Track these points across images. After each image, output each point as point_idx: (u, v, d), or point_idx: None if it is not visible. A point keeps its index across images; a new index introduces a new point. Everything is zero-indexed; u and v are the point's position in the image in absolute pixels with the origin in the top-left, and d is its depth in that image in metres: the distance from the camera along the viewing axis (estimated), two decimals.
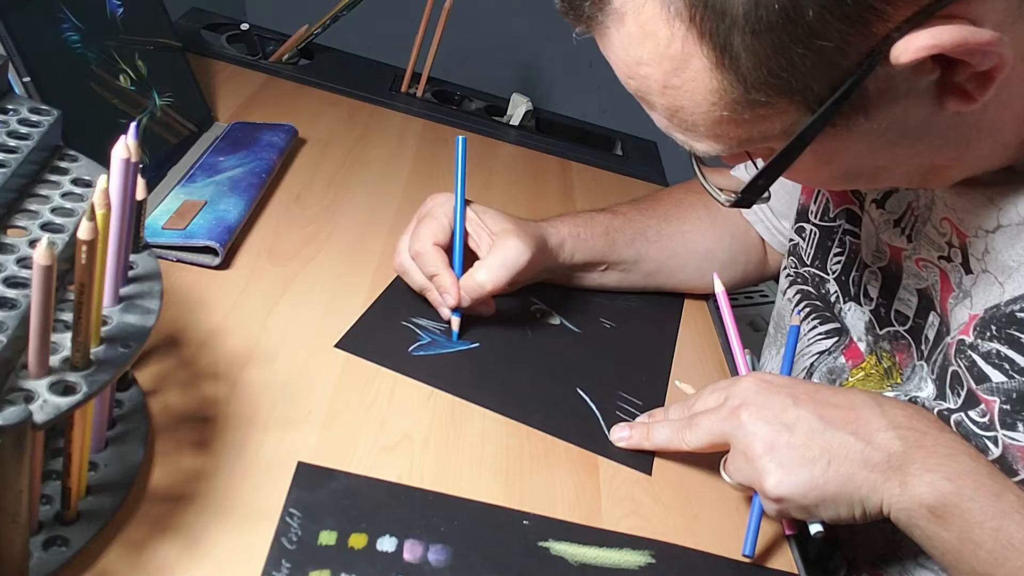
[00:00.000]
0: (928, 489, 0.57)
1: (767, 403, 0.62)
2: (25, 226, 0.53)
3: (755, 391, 0.64)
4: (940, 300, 0.67)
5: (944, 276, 0.67)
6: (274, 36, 1.31)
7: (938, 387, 0.66)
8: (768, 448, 0.61)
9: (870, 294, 0.74)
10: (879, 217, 0.73)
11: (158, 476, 0.58)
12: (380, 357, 0.74)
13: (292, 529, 0.56)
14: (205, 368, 0.68)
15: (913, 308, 0.70)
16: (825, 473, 0.59)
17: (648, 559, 0.63)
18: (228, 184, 0.87)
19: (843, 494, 0.59)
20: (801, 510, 0.61)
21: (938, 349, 0.67)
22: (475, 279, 0.78)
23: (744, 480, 0.63)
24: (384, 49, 1.39)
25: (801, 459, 0.60)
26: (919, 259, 0.69)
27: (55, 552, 0.50)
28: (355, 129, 1.13)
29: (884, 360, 0.73)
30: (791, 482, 0.59)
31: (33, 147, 0.57)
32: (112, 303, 0.52)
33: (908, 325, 0.70)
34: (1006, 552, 0.55)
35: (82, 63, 0.81)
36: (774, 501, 0.61)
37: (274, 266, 0.82)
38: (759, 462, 0.61)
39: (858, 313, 0.76)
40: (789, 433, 0.60)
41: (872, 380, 0.73)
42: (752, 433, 0.61)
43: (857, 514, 0.60)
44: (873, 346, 0.74)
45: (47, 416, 0.43)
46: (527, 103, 1.31)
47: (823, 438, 0.60)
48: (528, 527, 0.62)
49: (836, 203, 0.78)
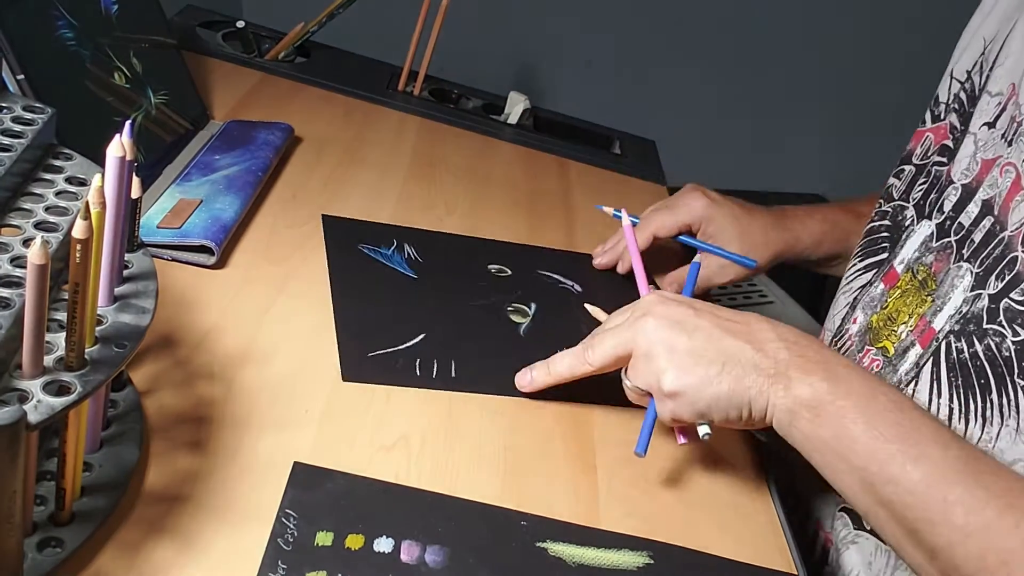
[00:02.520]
0: (808, 390, 0.62)
1: (668, 313, 0.67)
2: (19, 225, 0.53)
3: (657, 303, 0.68)
4: (1003, 202, 0.69)
5: (1019, 178, 0.69)
6: (270, 34, 1.31)
7: (979, 279, 0.68)
8: (668, 349, 0.65)
9: (943, 208, 0.76)
10: (987, 136, 0.74)
11: (153, 477, 0.58)
12: (332, 239, 0.84)
13: (288, 530, 0.56)
14: (201, 368, 0.67)
15: (972, 217, 0.72)
16: (720, 374, 0.64)
17: (646, 559, 0.62)
18: (224, 183, 0.87)
19: (733, 395, 0.64)
20: (692, 408, 0.65)
21: (990, 245, 0.69)
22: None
23: (642, 381, 0.67)
24: (381, 47, 1.39)
25: (698, 359, 0.64)
26: (1008, 163, 0.71)
27: (49, 553, 0.49)
28: (352, 127, 1.13)
29: (920, 273, 0.75)
30: (687, 378, 0.64)
31: (27, 145, 0.57)
32: (107, 302, 0.51)
33: (961, 234, 0.72)
34: (879, 443, 0.59)
35: (76, 61, 0.81)
36: (668, 397, 0.65)
37: (270, 265, 0.81)
38: (658, 360, 0.65)
39: (924, 229, 0.77)
40: (688, 337, 0.65)
41: (909, 294, 0.75)
42: (653, 337, 0.66)
43: (744, 415, 0.64)
44: (913, 263, 0.77)
45: (41, 416, 0.43)
46: (525, 101, 1.31)
47: (720, 344, 0.65)
48: (526, 528, 0.62)
49: (937, 142, 0.81)
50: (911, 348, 0.73)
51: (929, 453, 0.58)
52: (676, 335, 0.65)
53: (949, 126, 0.80)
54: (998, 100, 0.74)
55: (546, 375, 0.73)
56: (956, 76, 0.82)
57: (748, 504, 0.71)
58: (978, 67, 0.79)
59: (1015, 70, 0.73)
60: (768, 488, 0.73)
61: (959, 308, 0.70)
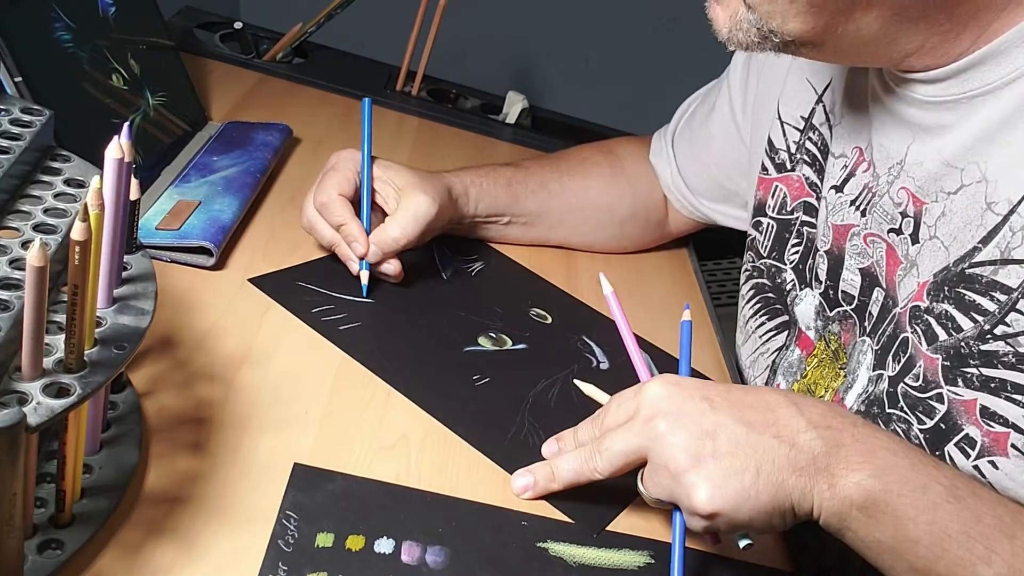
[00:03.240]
0: (856, 489, 0.55)
1: (682, 409, 0.58)
2: (18, 227, 0.53)
3: (666, 397, 0.59)
4: (886, 274, 0.68)
5: (891, 250, 0.68)
6: (268, 35, 1.31)
7: (878, 357, 0.68)
8: (693, 461, 0.56)
9: (820, 277, 0.76)
10: (835, 200, 0.74)
11: (153, 478, 0.58)
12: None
13: (289, 531, 0.56)
14: (200, 369, 0.67)
15: (857, 287, 0.71)
16: (756, 483, 0.56)
17: (647, 559, 0.62)
18: (222, 184, 0.87)
19: (776, 502, 0.56)
20: (732, 524, 0.57)
21: (885, 321, 0.68)
22: (388, 234, 0.79)
23: (667, 496, 0.58)
24: (379, 47, 1.39)
25: (730, 470, 0.56)
26: (868, 234, 0.70)
27: (50, 555, 0.49)
28: (350, 128, 1.13)
29: (832, 343, 0.74)
30: (723, 496, 0.55)
31: (25, 147, 0.57)
32: (106, 304, 0.51)
33: (854, 304, 0.72)
34: (944, 544, 0.54)
35: (74, 63, 0.81)
36: (705, 518, 0.56)
37: (269, 266, 0.81)
38: (685, 477, 0.56)
39: (809, 298, 0.77)
40: (712, 441, 0.56)
41: (825, 365, 0.74)
42: (673, 444, 0.57)
43: (789, 520, 0.57)
44: (822, 331, 0.76)
45: (41, 418, 0.43)
46: (523, 101, 1.31)
47: (747, 444, 0.56)
48: (526, 528, 0.62)
49: (794, 197, 0.80)
50: None
51: (997, 548, 0.54)
52: (698, 441, 0.56)
53: (805, 181, 0.78)
54: (843, 163, 0.73)
55: (550, 483, 0.64)
56: (788, 122, 0.80)
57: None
58: (823, 118, 0.77)
59: (858, 135, 0.72)
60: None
61: (865, 388, 0.69)
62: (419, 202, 0.80)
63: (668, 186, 0.98)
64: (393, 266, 0.81)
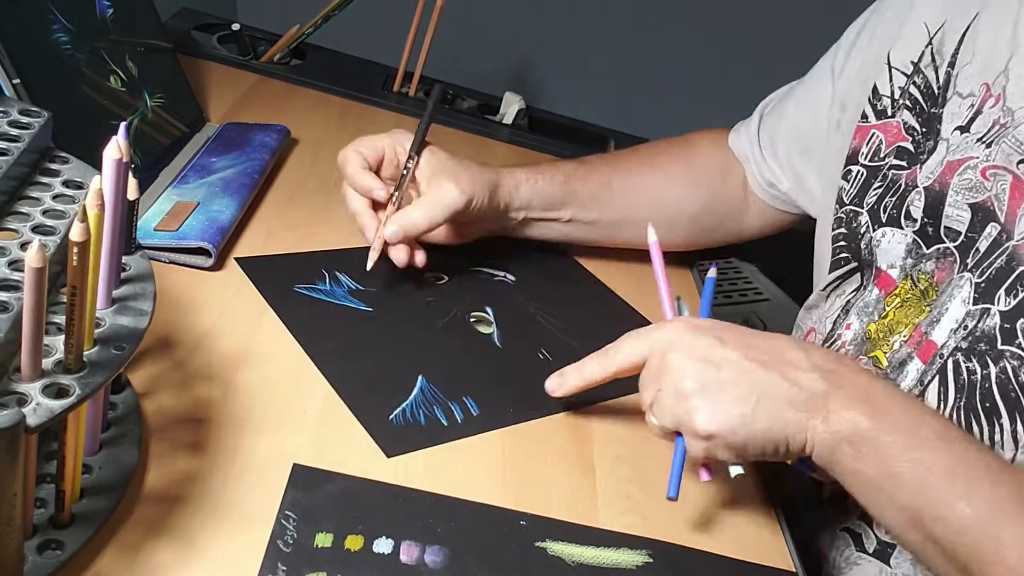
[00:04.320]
0: (848, 425, 0.59)
1: (695, 343, 0.63)
2: (16, 229, 0.53)
3: (683, 333, 0.64)
4: (1007, 208, 0.67)
5: (1018, 182, 0.66)
6: (265, 36, 1.31)
7: (983, 291, 0.66)
8: (699, 387, 0.61)
9: (912, 215, 0.74)
10: (959, 140, 0.72)
11: (152, 478, 0.58)
12: (263, 285, 0.78)
13: (288, 531, 0.56)
14: (199, 369, 0.68)
15: (966, 223, 0.70)
16: (755, 411, 0.60)
17: (646, 558, 0.62)
18: (220, 185, 0.87)
19: (770, 431, 0.60)
20: (728, 448, 0.61)
21: (994, 255, 0.67)
22: (409, 217, 0.79)
23: (672, 421, 0.63)
24: (376, 48, 1.39)
25: (731, 397, 0.61)
26: (989, 167, 0.68)
27: (49, 556, 0.49)
28: (347, 129, 1.13)
29: (921, 282, 0.73)
30: (722, 419, 0.60)
31: (23, 149, 0.57)
32: (105, 305, 0.51)
33: (959, 241, 0.70)
34: (927, 481, 0.57)
35: (72, 64, 0.81)
36: (704, 439, 0.61)
37: None
38: (690, 401, 0.61)
39: (897, 237, 0.75)
40: (718, 371, 0.61)
41: (910, 304, 0.73)
42: (682, 373, 0.62)
43: (781, 451, 0.61)
44: (910, 270, 0.74)
45: (40, 419, 0.43)
46: (520, 101, 1.31)
47: (752, 377, 0.61)
48: (525, 527, 0.62)
49: (889, 143, 0.78)
50: (909, 362, 0.71)
51: (979, 489, 0.56)
52: (705, 370, 0.61)
53: (904, 125, 0.77)
54: (970, 102, 0.72)
55: (578, 380, 0.70)
56: (896, 66, 0.78)
57: (747, 502, 0.71)
58: (929, 60, 0.76)
59: (987, 70, 0.71)
60: (766, 484, 0.73)
61: (962, 322, 0.67)
62: (446, 190, 0.80)
63: (748, 160, 0.95)
64: (402, 254, 0.80)
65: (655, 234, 0.75)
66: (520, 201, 0.87)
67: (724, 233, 0.99)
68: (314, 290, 0.80)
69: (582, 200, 0.90)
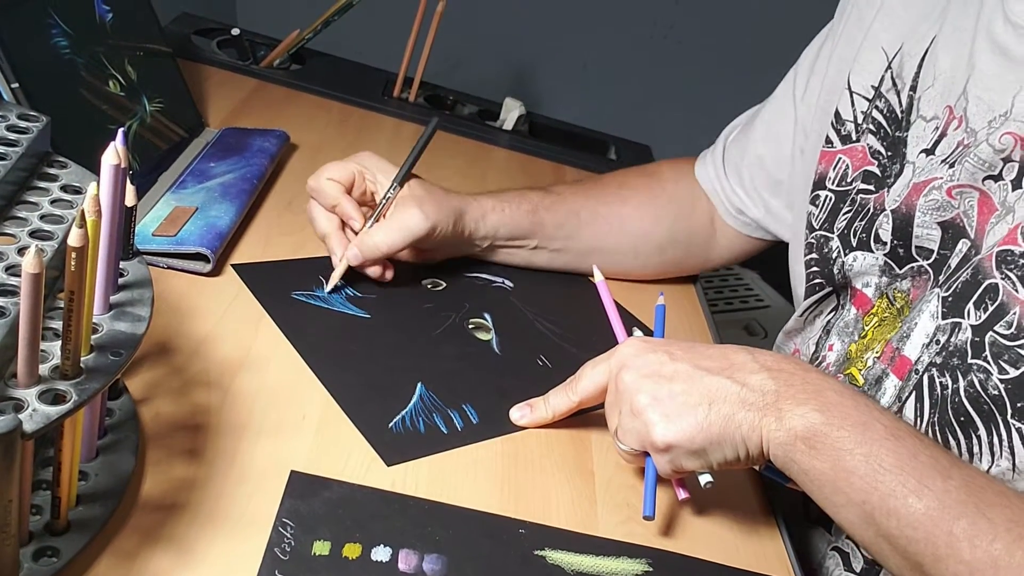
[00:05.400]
0: (800, 421, 0.60)
1: (645, 361, 0.65)
2: (14, 233, 0.53)
3: (633, 353, 0.66)
4: (976, 224, 0.68)
5: (985, 197, 0.67)
6: (265, 41, 1.31)
7: (950, 304, 0.67)
8: (652, 401, 0.63)
9: (882, 238, 0.75)
10: (925, 163, 0.73)
11: (149, 485, 0.57)
12: (261, 292, 0.78)
13: (285, 539, 0.56)
14: (196, 376, 0.67)
15: (937, 240, 0.71)
16: (708, 415, 0.61)
17: (645, 567, 0.62)
18: (219, 190, 0.87)
19: (726, 434, 0.61)
20: (691, 456, 0.62)
21: (962, 269, 0.67)
22: (372, 239, 0.80)
23: (636, 440, 0.64)
24: (376, 54, 1.39)
25: (684, 405, 0.62)
26: (954, 187, 0.69)
27: (45, 563, 0.49)
28: (347, 134, 1.13)
29: (897, 300, 0.74)
30: (677, 428, 0.61)
31: (22, 154, 0.57)
32: (102, 311, 0.51)
33: (932, 259, 0.71)
34: (878, 476, 0.57)
35: (71, 69, 0.80)
36: (664, 451, 0.62)
37: None
38: (644, 415, 0.63)
39: (869, 259, 0.76)
40: (670, 383, 0.63)
41: (887, 322, 0.74)
42: (636, 390, 0.64)
43: (741, 454, 0.62)
44: (885, 288, 0.75)
45: (37, 425, 0.43)
46: (520, 107, 1.31)
47: (702, 384, 0.63)
48: (524, 536, 0.62)
49: (856, 167, 0.79)
50: (885, 378, 0.71)
51: (930, 484, 0.56)
52: (657, 384, 0.63)
53: (869, 150, 0.78)
54: (935, 125, 0.72)
55: (544, 413, 0.72)
56: (857, 91, 0.80)
57: (746, 511, 0.71)
58: (890, 84, 0.77)
59: (948, 93, 0.71)
60: (769, 495, 0.73)
61: (933, 336, 0.68)
62: (410, 215, 0.81)
63: (715, 191, 0.96)
64: (376, 269, 0.82)
65: (600, 274, 0.79)
66: (486, 230, 0.88)
67: (692, 262, 1.01)
68: (312, 297, 0.80)
69: (549, 230, 0.91)
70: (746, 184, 0.94)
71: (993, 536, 0.54)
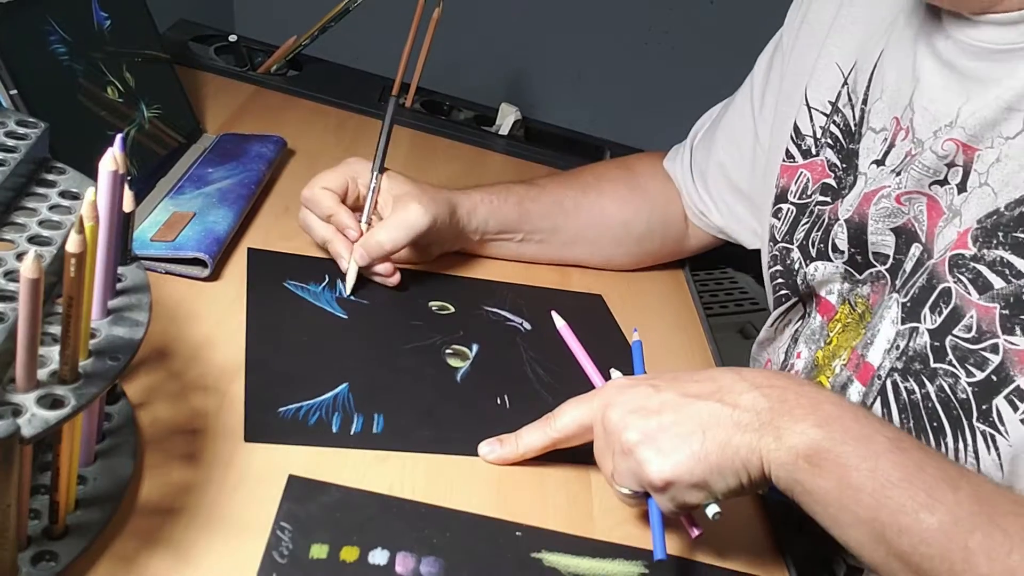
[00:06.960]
0: (800, 438, 0.57)
1: (629, 397, 0.62)
2: (12, 239, 0.53)
3: (615, 391, 0.63)
4: (927, 228, 0.69)
5: (933, 202, 0.68)
6: (262, 47, 1.31)
7: (908, 310, 0.68)
8: (642, 437, 0.59)
9: (839, 247, 0.76)
10: (876, 173, 0.74)
11: (147, 489, 0.58)
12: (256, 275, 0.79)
13: (283, 543, 0.56)
14: (195, 380, 0.67)
15: (892, 246, 0.72)
16: (704, 444, 0.58)
17: (641, 569, 0.62)
18: (217, 195, 0.87)
19: (725, 461, 0.58)
20: (693, 490, 0.59)
21: (916, 274, 0.68)
22: (375, 238, 0.81)
23: (633, 480, 0.60)
24: (373, 60, 1.39)
25: (676, 437, 0.58)
26: (902, 194, 0.71)
27: (44, 567, 0.49)
28: (344, 140, 1.13)
29: (858, 306, 0.74)
30: (673, 462, 0.58)
31: (20, 160, 0.57)
32: (100, 316, 0.51)
33: (889, 263, 0.72)
34: (887, 491, 0.54)
35: (69, 75, 0.81)
36: (663, 489, 0.59)
37: None
38: (636, 453, 0.59)
39: (830, 268, 0.77)
40: (659, 416, 0.60)
41: (850, 328, 0.75)
42: (624, 428, 0.60)
43: (744, 480, 0.58)
44: (847, 294, 0.76)
45: (35, 430, 0.43)
46: (516, 113, 1.31)
47: (692, 412, 0.59)
48: (521, 538, 0.62)
49: (815, 180, 0.81)
50: (850, 385, 0.72)
51: (940, 497, 0.54)
52: (645, 419, 0.60)
53: (827, 163, 0.79)
54: (883, 136, 0.74)
55: (514, 449, 0.68)
56: (815, 107, 0.81)
57: (743, 513, 0.71)
58: (846, 99, 0.78)
59: (895, 105, 0.73)
60: (763, 498, 0.73)
61: (894, 342, 0.68)
62: (411, 210, 0.81)
63: (683, 191, 0.99)
64: (385, 266, 0.82)
65: (561, 320, 0.81)
66: (477, 222, 0.89)
67: (667, 252, 1.03)
68: (303, 289, 0.80)
69: (535, 221, 0.93)
70: (711, 189, 0.96)
71: (1010, 548, 0.52)
